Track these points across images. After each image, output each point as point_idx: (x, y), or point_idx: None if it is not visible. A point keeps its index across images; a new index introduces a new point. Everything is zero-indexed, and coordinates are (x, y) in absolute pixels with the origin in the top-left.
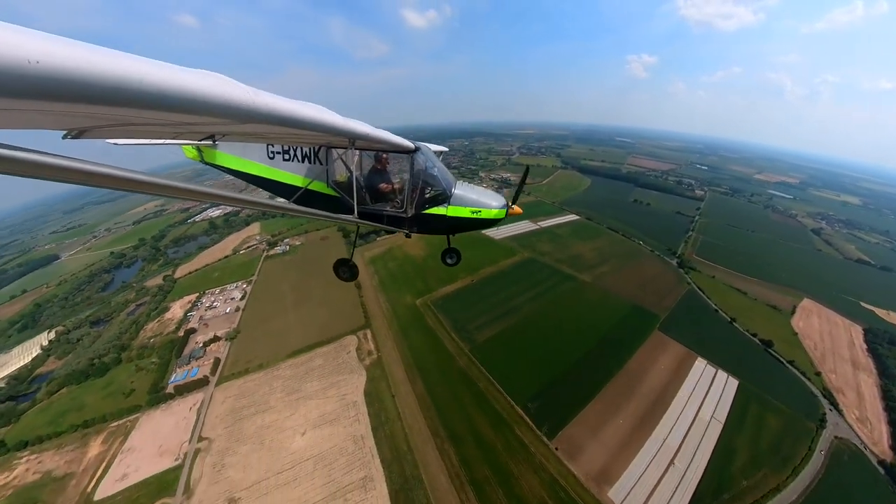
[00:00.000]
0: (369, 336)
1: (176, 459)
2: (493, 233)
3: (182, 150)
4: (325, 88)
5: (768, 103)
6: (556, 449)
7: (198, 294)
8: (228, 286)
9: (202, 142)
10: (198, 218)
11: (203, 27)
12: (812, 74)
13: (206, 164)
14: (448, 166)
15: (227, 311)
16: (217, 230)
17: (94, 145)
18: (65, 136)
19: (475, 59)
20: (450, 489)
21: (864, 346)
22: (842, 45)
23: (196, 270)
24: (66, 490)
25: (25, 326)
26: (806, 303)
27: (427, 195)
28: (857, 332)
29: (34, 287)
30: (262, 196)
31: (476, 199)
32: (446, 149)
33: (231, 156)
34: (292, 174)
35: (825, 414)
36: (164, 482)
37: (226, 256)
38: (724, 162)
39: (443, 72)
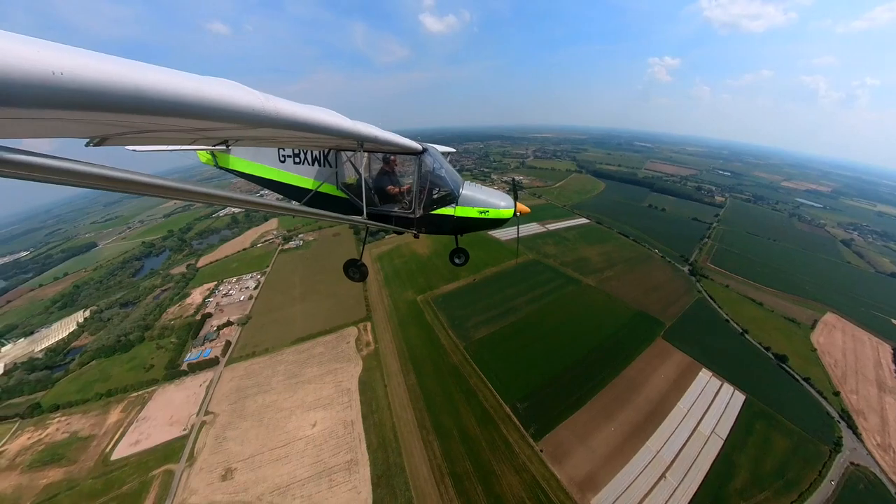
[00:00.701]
0: (369, 328)
1: (184, 430)
2: (500, 234)
3: (197, 156)
4: (348, 92)
5: (800, 108)
6: (542, 451)
7: (216, 282)
8: (244, 276)
9: (216, 147)
10: (222, 213)
11: (233, 34)
12: (850, 77)
13: (220, 168)
14: (461, 168)
15: (242, 298)
16: (238, 224)
17: (115, 152)
18: (87, 144)
19: (494, 63)
20: (430, 479)
21: (893, 367)
22: (883, 44)
23: (217, 261)
24: (87, 449)
25: (65, 305)
26: (829, 317)
27: (435, 196)
28: (886, 350)
29: (74, 271)
30: (273, 199)
31: (484, 199)
32: (454, 150)
33: (244, 160)
34: (303, 177)
35: (841, 437)
36: (171, 449)
37: (244, 249)
38: (748, 168)
39: (461, 75)
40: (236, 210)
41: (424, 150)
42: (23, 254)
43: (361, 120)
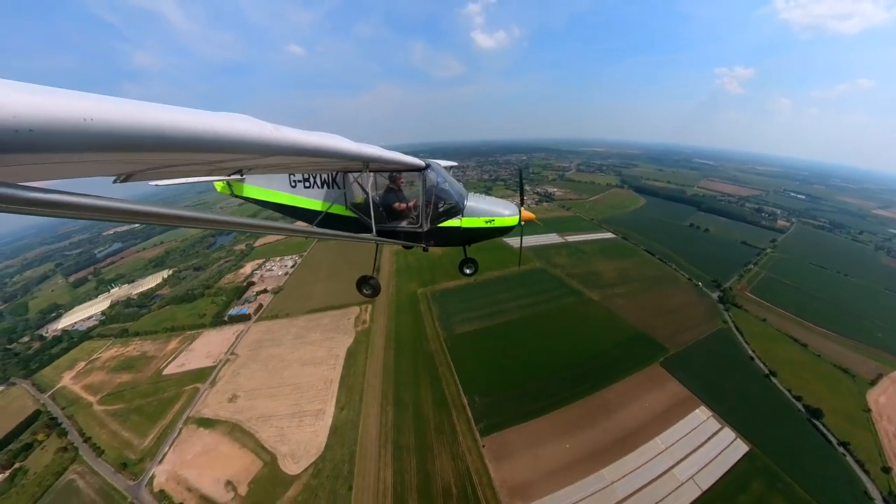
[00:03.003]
0: (369, 309)
1: (214, 362)
2: (510, 239)
3: (214, 186)
4: (406, 104)
5: None
6: (483, 446)
7: (265, 259)
8: (286, 257)
9: (231, 177)
10: None
11: (307, 54)
12: None
13: (236, 196)
14: (496, 178)
15: (279, 273)
16: None
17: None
18: (115, 181)
19: (544, 76)
20: (374, 441)
21: None
22: None
23: (269, 243)
24: (149, 365)
25: (157, 264)
26: None
27: (441, 209)
28: None
29: (168, 240)
30: (287, 222)
31: (488, 208)
32: (456, 163)
33: (257, 188)
34: (313, 200)
35: None
36: (202, 374)
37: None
38: (832, 192)
39: (512, 89)
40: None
41: (427, 166)
42: (136, 225)
43: (418, 131)
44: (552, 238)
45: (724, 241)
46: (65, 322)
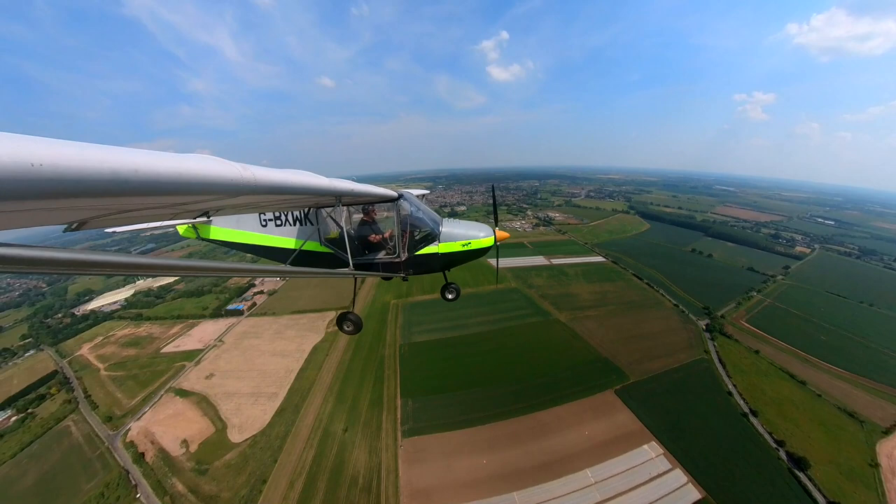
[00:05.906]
0: None
1: (203, 346)
2: (492, 259)
3: (176, 230)
4: (430, 133)
5: None
6: (401, 446)
7: None
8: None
9: (197, 219)
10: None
11: (337, 86)
12: None
13: (202, 239)
14: (501, 203)
15: (278, 279)
16: None
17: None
18: (66, 230)
19: (564, 106)
20: (309, 426)
21: None
22: None
23: None
24: (152, 344)
25: None
26: None
27: (417, 237)
28: None
29: (194, 244)
30: (260, 264)
31: (463, 232)
32: (427, 191)
33: (225, 229)
34: (286, 238)
35: None
36: (191, 355)
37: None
38: (867, 217)
39: (532, 118)
40: None
41: (400, 196)
42: (169, 229)
43: (441, 158)
44: (537, 260)
45: (727, 267)
46: (94, 304)
